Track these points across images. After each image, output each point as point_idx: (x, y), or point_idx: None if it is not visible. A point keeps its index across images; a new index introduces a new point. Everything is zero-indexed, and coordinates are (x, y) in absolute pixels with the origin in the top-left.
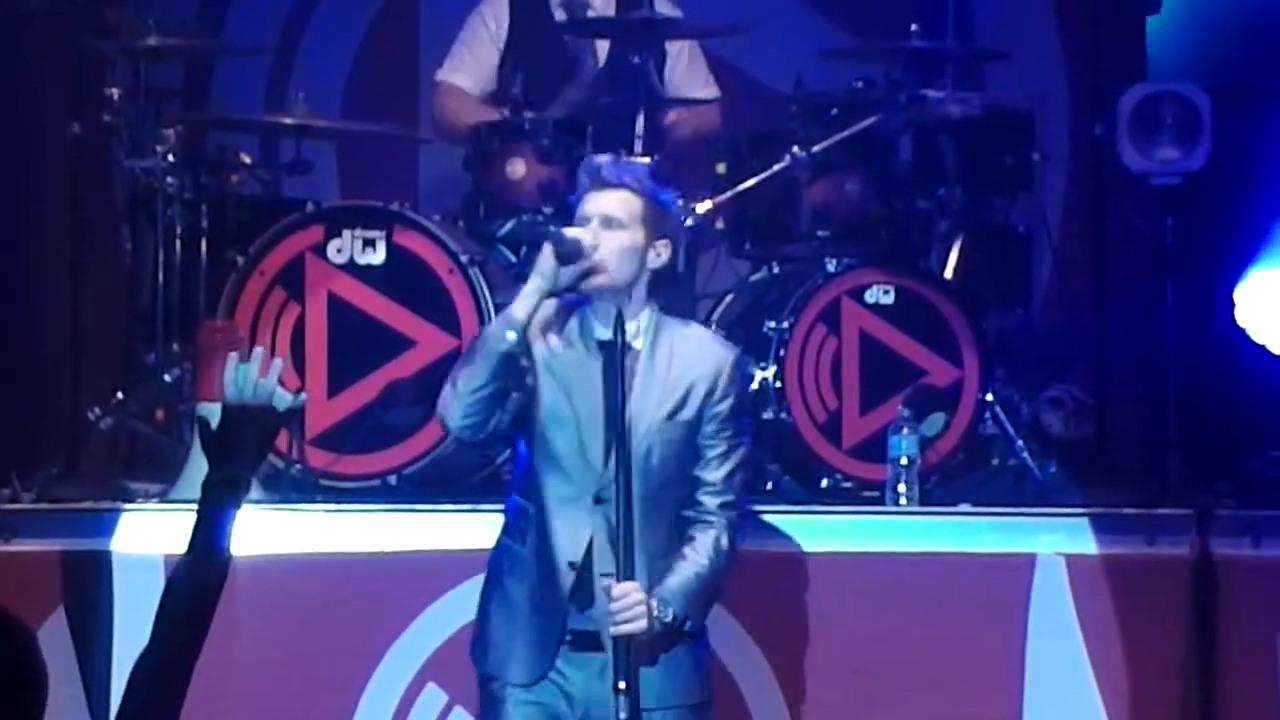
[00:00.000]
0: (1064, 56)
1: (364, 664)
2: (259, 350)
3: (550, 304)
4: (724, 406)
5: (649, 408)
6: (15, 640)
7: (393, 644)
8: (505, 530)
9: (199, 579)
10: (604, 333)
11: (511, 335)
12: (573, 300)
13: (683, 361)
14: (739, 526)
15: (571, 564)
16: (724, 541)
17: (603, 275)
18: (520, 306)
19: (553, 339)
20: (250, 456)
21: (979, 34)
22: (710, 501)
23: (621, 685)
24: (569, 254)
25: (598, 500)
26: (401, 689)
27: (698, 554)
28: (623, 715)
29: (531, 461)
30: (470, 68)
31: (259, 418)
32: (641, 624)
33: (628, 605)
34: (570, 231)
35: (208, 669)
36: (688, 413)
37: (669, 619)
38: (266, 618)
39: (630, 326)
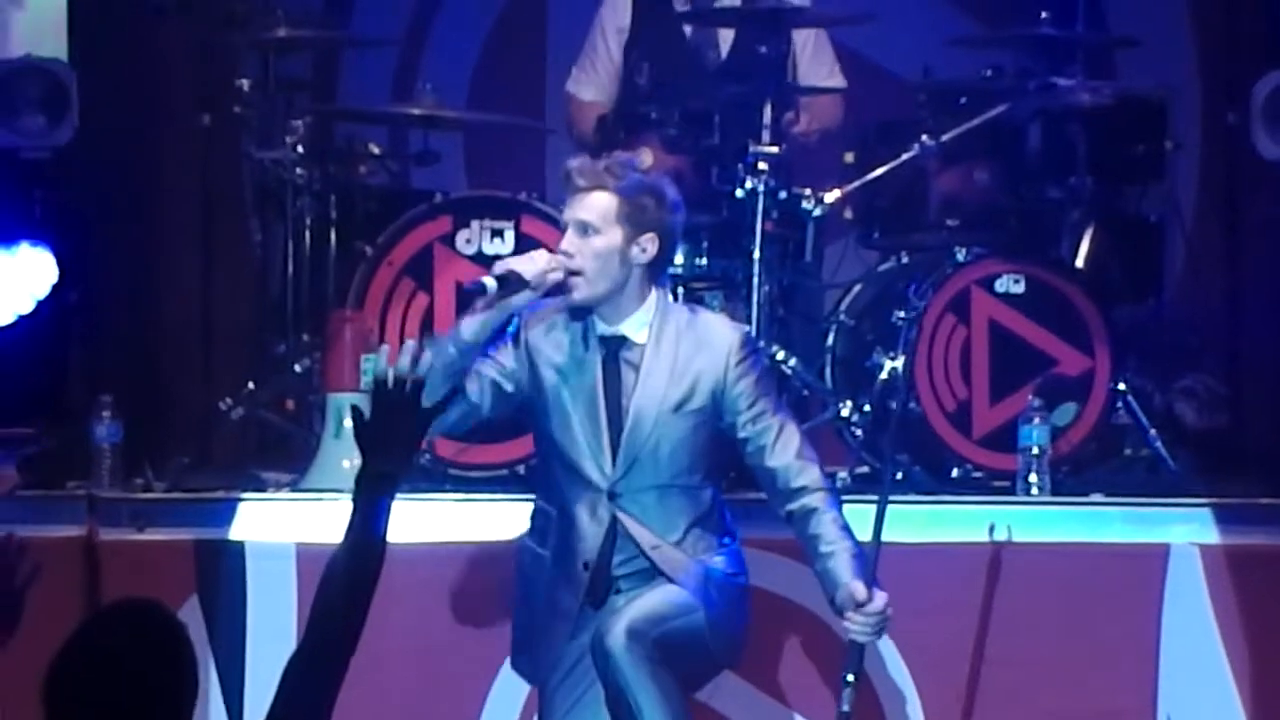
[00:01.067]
0: (1196, 43)
1: (494, 653)
2: (410, 343)
3: (544, 312)
4: (742, 387)
5: (655, 400)
6: (168, 635)
7: None
8: (528, 532)
9: (356, 569)
10: (606, 328)
11: (453, 351)
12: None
13: (689, 351)
14: (833, 492)
15: (586, 564)
16: (839, 517)
17: (581, 287)
18: (468, 329)
19: (556, 339)
20: (400, 450)
21: (1110, 21)
22: (798, 493)
23: (851, 678)
24: (511, 289)
25: (612, 496)
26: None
27: (835, 541)
28: (846, 708)
29: (546, 463)
30: (594, 81)
31: (408, 411)
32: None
33: (885, 616)
34: (501, 265)
35: None
36: (697, 402)
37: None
38: (396, 607)
39: (629, 323)
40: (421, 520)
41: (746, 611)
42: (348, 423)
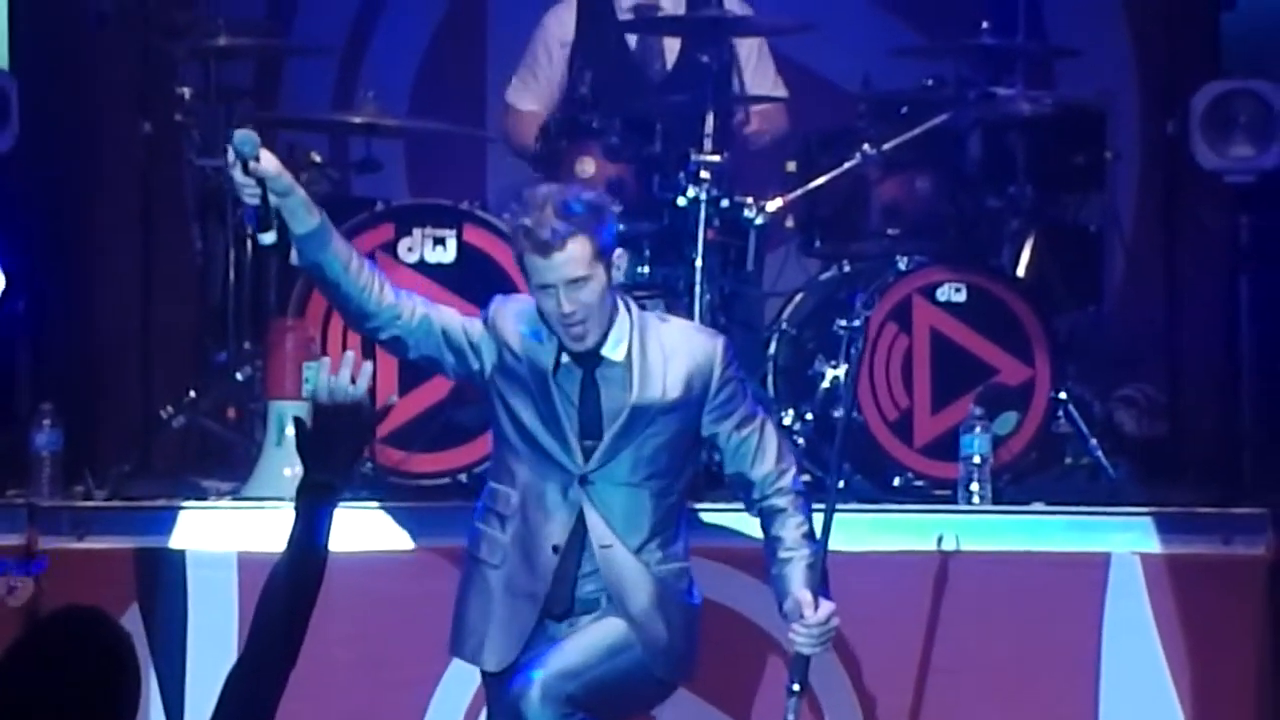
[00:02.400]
0: (1136, 53)
1: (436, 662)
2: (350, 354)
3: (518, 303)
4: (727, 394)
5: (653, 399)
6: (109, 643)
7: None
8: (481, 517)
9: (298, 578)
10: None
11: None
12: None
13: (674, 355)
14: (804, 495)
15: (555, 547)
16: (804, 522)
17: (592, 333)
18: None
19: (526, 330)
20: (342, 460)
21: (1049, 31)
22: (772, 494)
23: (796, 688)
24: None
25: (584, 481)
26: (474, 687)
27: (795, 548)
28: (791, 718)
29: (510, 446)
30: (535, 90)
31: (352, 422)
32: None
33: (830, 627)
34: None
35: None
36: (685, 405)
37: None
38: (338, 616)
39: (609, 340)
40: (363, 528)
41: (699, 630)
42: (290, 432)
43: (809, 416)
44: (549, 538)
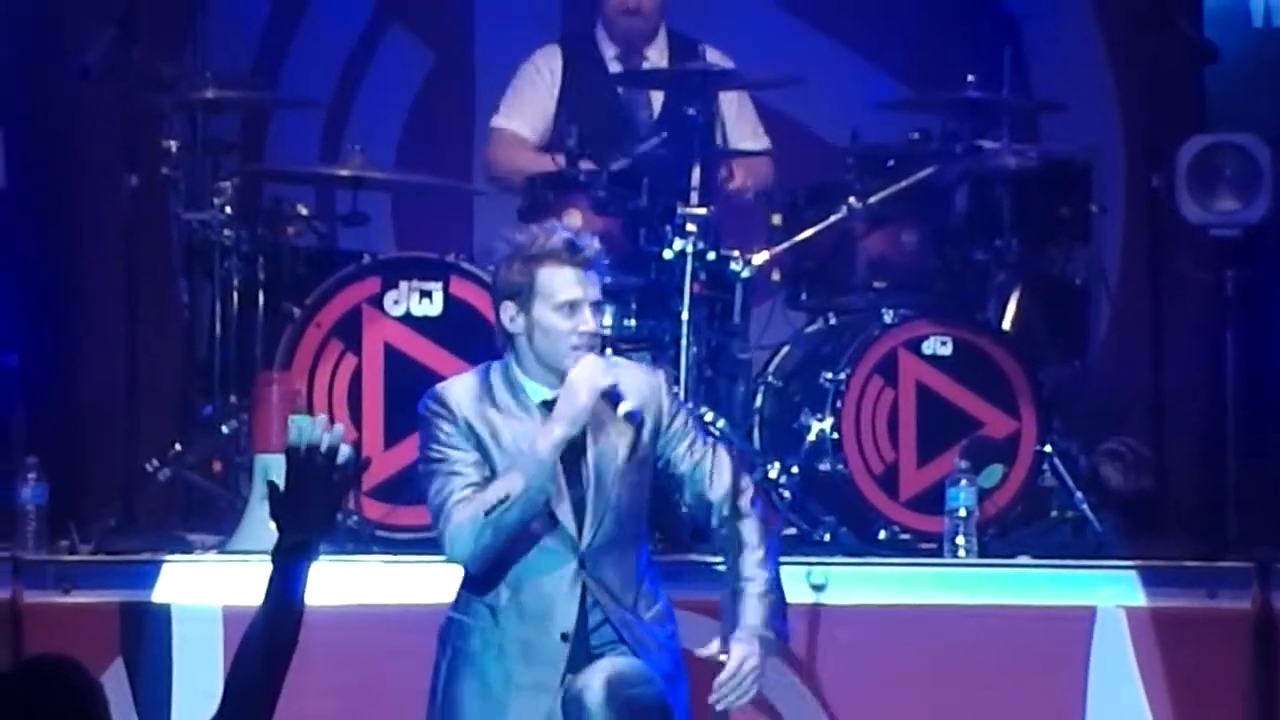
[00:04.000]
0: (1121, 108)
1: (418, 716)
2: (322, 417)
3: (459, 385)
4: (678, 424)
5: (611, 454)
6: (86, 694)
7: None
8: (463, 609)
9: (274, 634)
10: (542, 392)
11: (550, 487)
12: (484, 367)
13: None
14: (768, 519)
15: (564, 635)
16: (762, 549)
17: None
18: (552, 454)
19: (485, 410)
20: (319, 521)
21: (1035, 85)
22: (731, 515)
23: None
24: (635, 423)
25: (582, 564)
26: None
27: (749, 578)
28: None
29: None
30: (525, 114)
31: (324, 480)
32: (754, 690)
33: (745, 674)
34: (606, 376)
35: None
36: (643, 448)
37: (768, 648)
38: (321, 669)
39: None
40: (348, 581)
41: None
42: (262, 490)
43: (794, 470)
44: (555, 627)
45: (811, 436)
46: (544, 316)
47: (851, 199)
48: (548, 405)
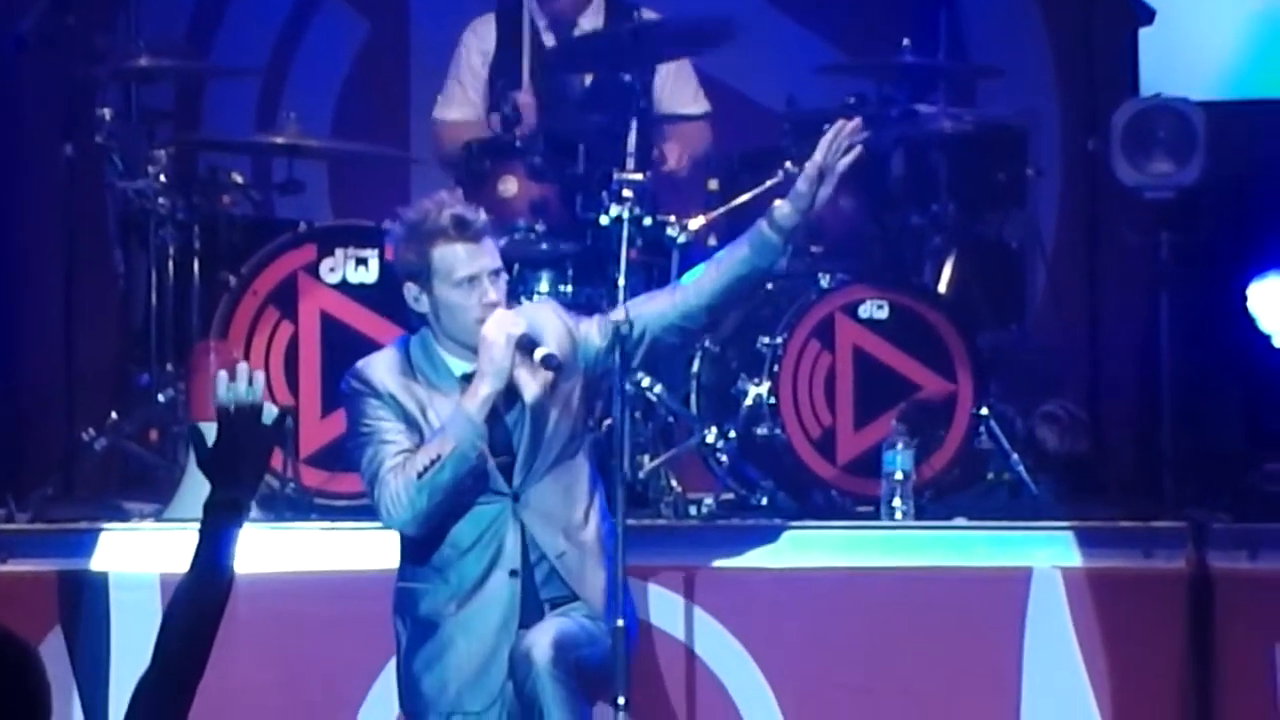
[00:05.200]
0: (1056, 71)
1: (359, 683)
2: (243, 365)
3: (378, 361)
4: (585, 327)
5: (538, 406)
6: (21, 662)
7: (388, 663)
8: (410, 577)
9: (201, 598)
10: (461, 366)
11: (480, 445)
12: (402, 341)
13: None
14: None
15: (513, 572)
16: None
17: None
18: (480, 411)
19: (405, 381)
20: (248, 475)
21: (971, 50)
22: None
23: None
24: (553, 367)
25: (515, 499)
26: (396, 708)
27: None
28: None
29: None
30: (462, 102)
31: (252, 434)
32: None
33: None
34: (518, 324)
35: (201, 690)
36: (567, 373)
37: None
38: (260, 637)
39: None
40: (286, 549)
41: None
42: (193, 449)
43: (732, 434)
44: (502, 566)
45: (749, 401)
46: (445, 295)
47: (788, 164)
48: (467, 379)
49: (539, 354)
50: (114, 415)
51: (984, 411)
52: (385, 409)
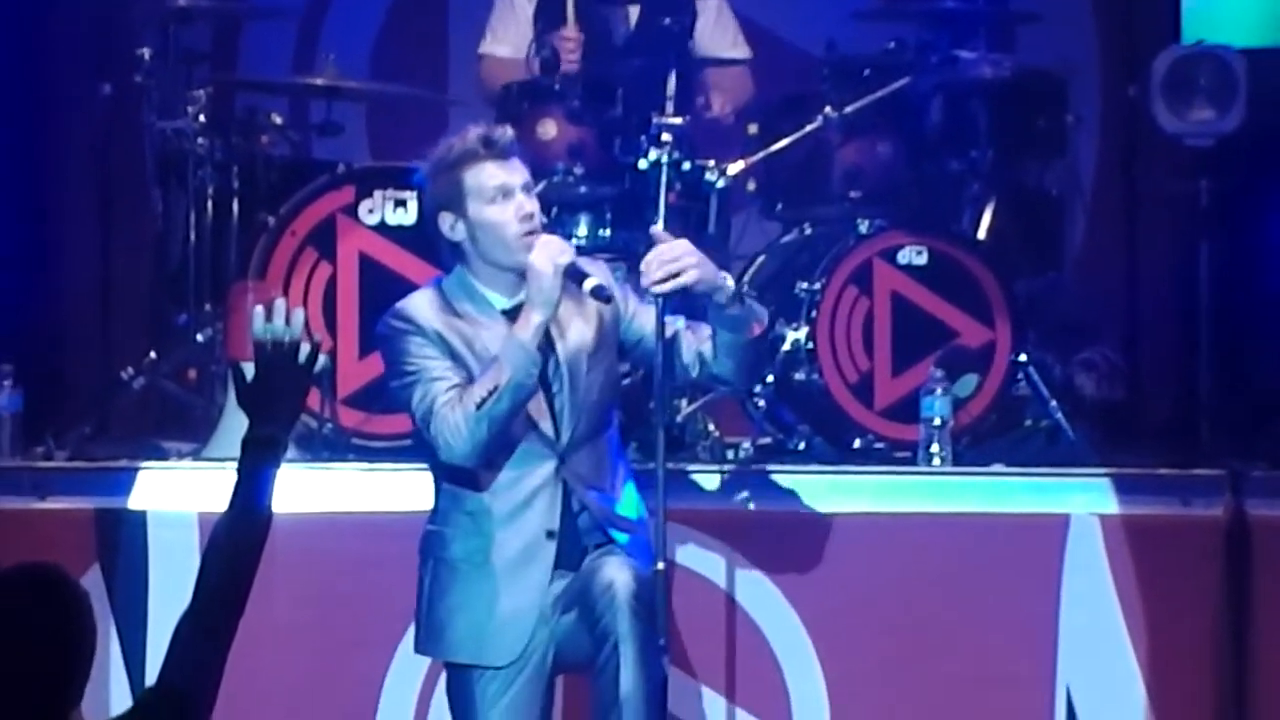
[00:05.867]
0: (1097, 17)
1: (396, 623)
2: (280, 301)
3: (419, 299)
4: (634, 306)
5: (579, 349)
6: (67, 598)
7: None
8: (442, 521)
9: (241, 537)
10: (501, 300)
11: (535, 373)
12: (436, 281)
13: (572, 290)
14: None
15: (550, 533)
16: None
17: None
18: (533, 339)
19: (451, 320)
20: (285, 411)
21: None
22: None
23: (661, 566)
24: (603, 298)
25: (562, 461)
26: None
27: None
28: None
29: None
30: (509, 37)
31: (289, 369)
32: (694, 273)
33: (676, 253)
34: (566, 251)
35: (239, 629)
36: (606, 334)
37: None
38: (298, 577)
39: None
40: (324, 489)
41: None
42: (231, 385)
43: (769, 379)
44: (540, 525)
45: (787, 346)
46: (481, 213)
47: (827, 109)
48: (508, 314)
49: (588, 285)
50: (152, 354)
51: (1022, 358)
52: (431, 346)
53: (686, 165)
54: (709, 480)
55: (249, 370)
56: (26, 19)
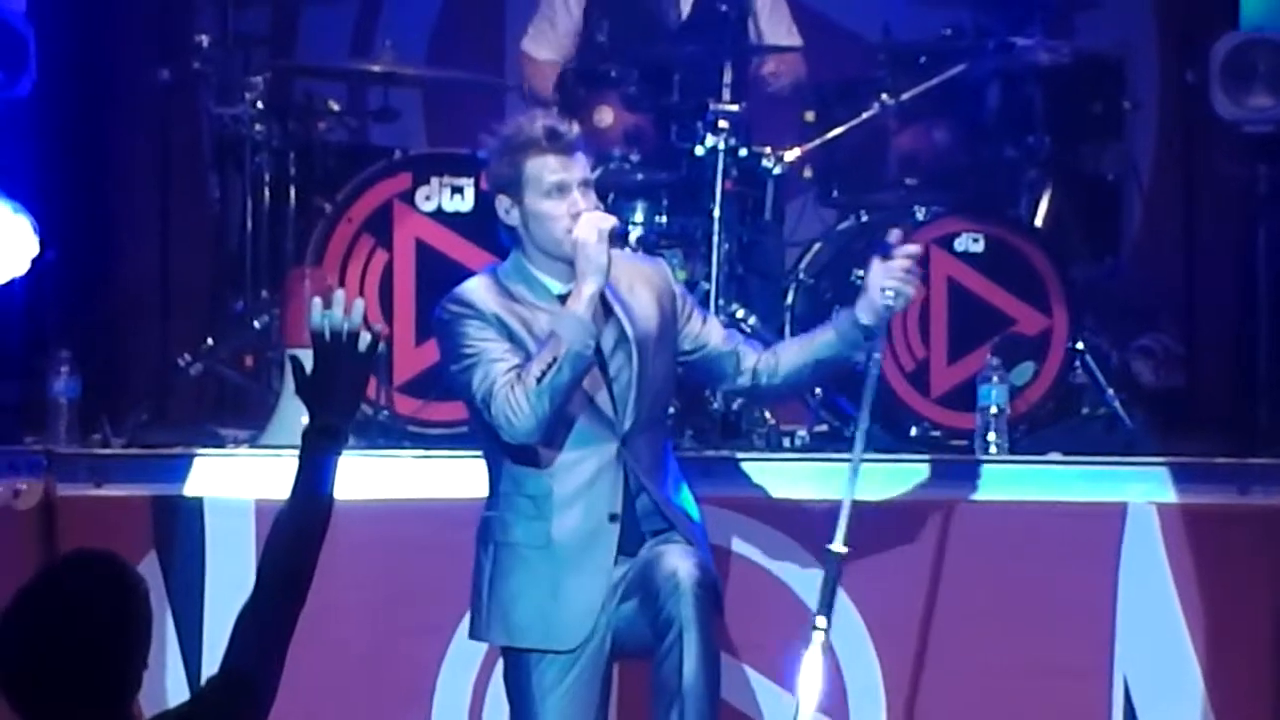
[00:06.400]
0: (1154, 3)
1: (453, 610)
2: (340, 291)
3: (477, 284)
4: (688, 305)
5: (646, 334)
6: (125, 586)
7: None
8: (501, 507)
9: (303, 525)
10: (555, 286)
11: (591, 343)
12: (491, 268)
13: (635, 284)
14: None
15: (613, 516)
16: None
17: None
18: (587, 310)
19: (509, 304)
20: (345, 401)
21: None
22: (759, 350)
23: (821, 622)
24: (620, 238)
25: (624, 443)
26: None
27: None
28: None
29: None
30: (551, 39)
31: (348, 359)
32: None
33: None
34: (607, 219)
35: (302, 614)
36: (665, 331)
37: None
38: (355, 564)
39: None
40: (380, 477)
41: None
42: (293, 383)
43: None
44: (603, 508)
45: None
46: (535, 204)
47: (884, 95)
48: (563, 299)
49: (607, 224)
50: (209, 341)
51: (1079, 345)
52: (490, 329)
53: (743, 152)
54: (764, 467)
55: (308, 361)
56: (86, 5)
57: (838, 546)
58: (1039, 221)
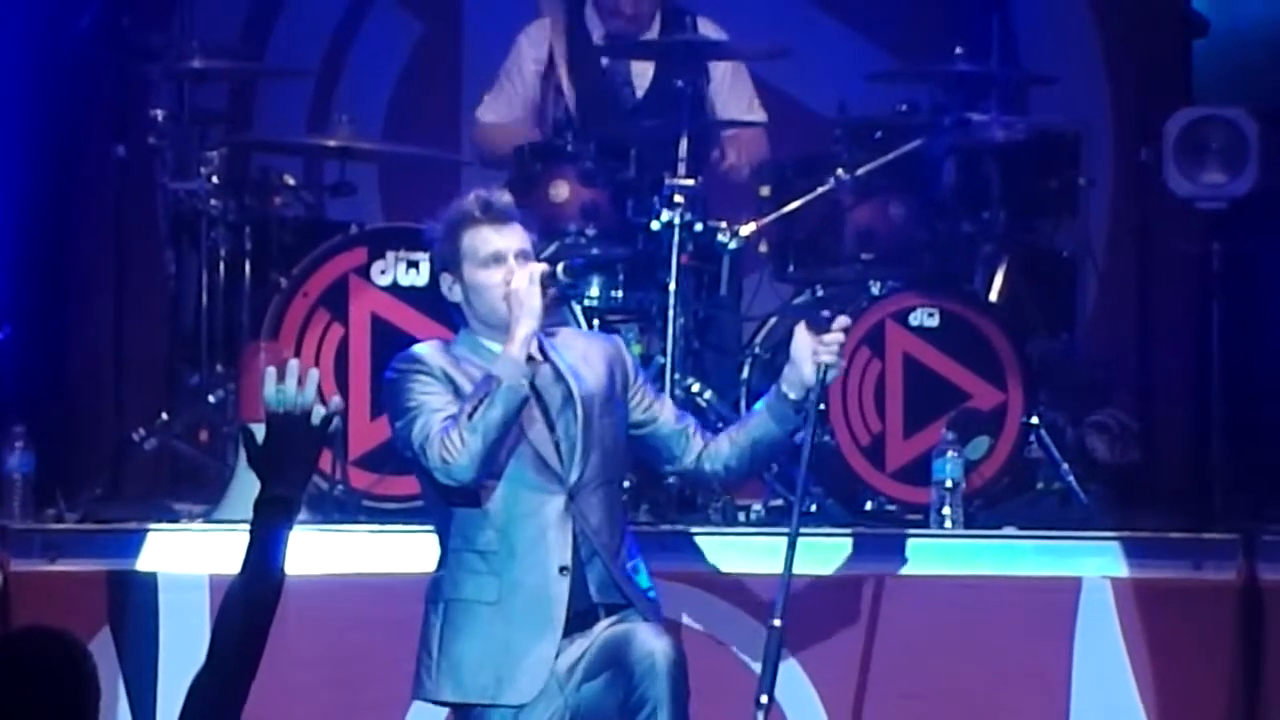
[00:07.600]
0: (1109, 80)
1: (407, 684)
2: (294, 362)
3: (429, 347)
4: (643, 379)
5: (592, 391)
6: (72, 658)
7: None
8: (453, 561)
9: (254, 598)
10: (499, 348)
11: (525, 381)
12: (443, 342)
13: (587, 350)
14: None
15: (562, 568)
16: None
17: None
18: (521, 350)
19: (464, 368)
20: (297, 473)
21: (1024, 57)
22: (703, 437)
23: (764, 699)
24: (551, 278)
25: (571, 498)
26: (445, 710)
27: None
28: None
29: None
30: (503, 106)
31: (302, 432)
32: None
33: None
34: (538, 265)
35: (253, 689)
36: (613, 398)
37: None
38: (309, 638)
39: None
40: (335, 551)
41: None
42: (243, 448)
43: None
44: (552, 561)
45: None
46: (473, 275)
47: (839, 170)
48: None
49: (538, 270)
50: (164, 415)
51: (1034, 420)
52: (436, 384)
53: (699, 226)
54: (720, 542)
55: (260, 432)
56: (44, 81)
57: (776, 621)
58: (994, 297)
